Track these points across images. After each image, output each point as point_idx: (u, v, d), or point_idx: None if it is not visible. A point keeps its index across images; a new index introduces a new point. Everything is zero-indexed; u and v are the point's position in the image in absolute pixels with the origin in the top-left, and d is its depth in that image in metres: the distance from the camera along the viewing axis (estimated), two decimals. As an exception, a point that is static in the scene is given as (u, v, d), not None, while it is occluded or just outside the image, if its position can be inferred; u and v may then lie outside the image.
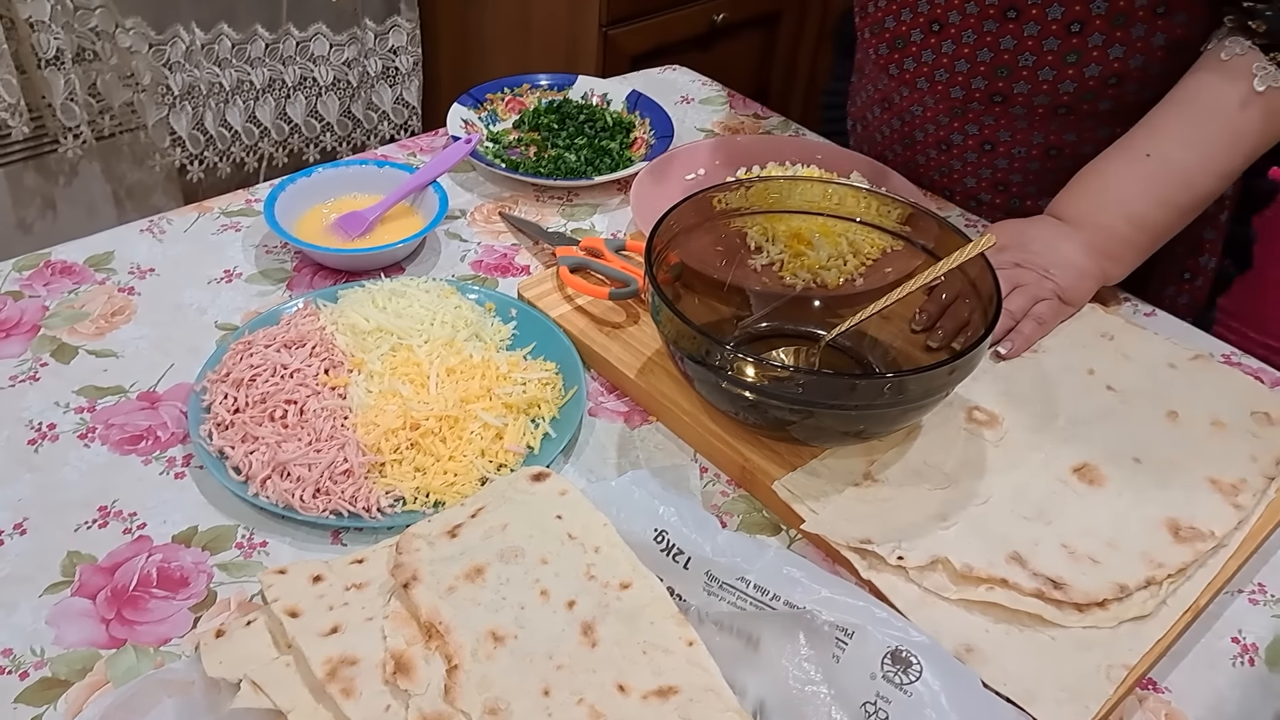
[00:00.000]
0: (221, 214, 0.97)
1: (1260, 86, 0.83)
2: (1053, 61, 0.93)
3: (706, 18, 1.91)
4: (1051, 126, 0.97)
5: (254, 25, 1.85)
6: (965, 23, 0.94)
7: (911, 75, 1.01)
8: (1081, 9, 0.90)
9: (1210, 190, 0.88)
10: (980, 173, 1.04)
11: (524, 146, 1.11)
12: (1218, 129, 0.86)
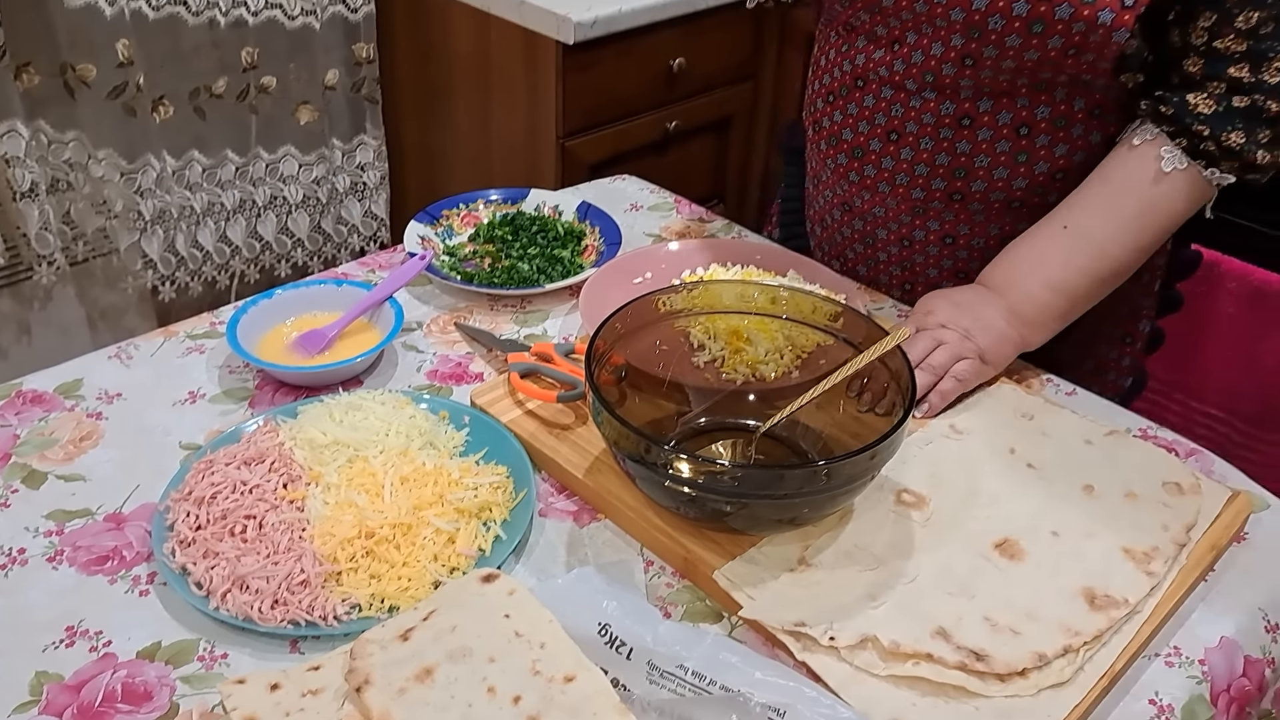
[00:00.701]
0: (187, 337, 1.01)
1: (1167, 168, 0.91)
2: (1005, 161, 1.00)
3: (660, 126, 2.00)
4: (1006, 219, 1.04)
5: (224, 150, 1.93)
6: (923, 131, 1.01)
7: (873, 180, 1.07)
8: (1028, 114, 0.97)
9: (1124, 261, 0.96)
10: (942, 264, 1.10)
11: (479, 259, 1.17)
12: (1129, 205, 0.93)
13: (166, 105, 1.82)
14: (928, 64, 0.96)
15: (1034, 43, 0.90)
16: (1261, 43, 0.87)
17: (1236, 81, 0.88)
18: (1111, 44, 0.88)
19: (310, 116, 1.99)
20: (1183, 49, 0.91)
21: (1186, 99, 0.90)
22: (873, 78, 1.02)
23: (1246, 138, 0.89)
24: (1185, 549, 0.75)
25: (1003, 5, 0.89)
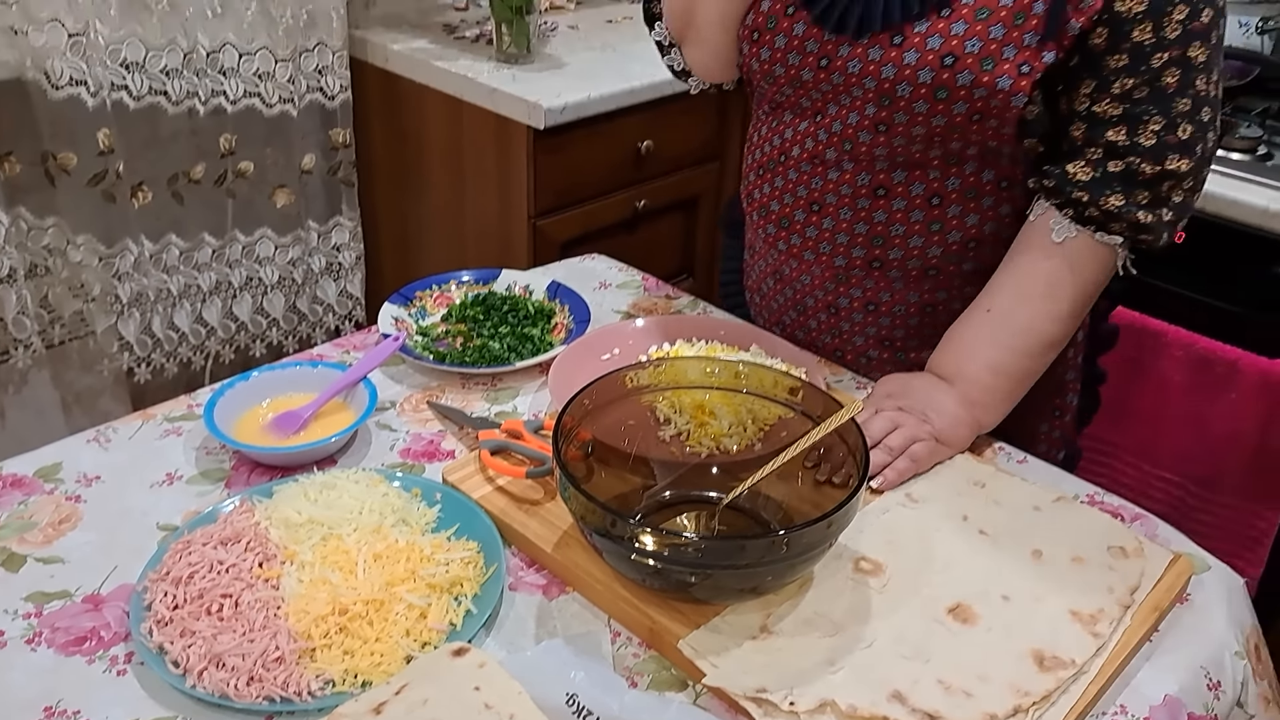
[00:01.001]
0: (165, 420, 1.03)
1: (1057, 238, 0.98)
2: (919, 230, 1.05)
3: (629, 205, 2.06)
4: (924, 285, 1.09)
5: (201, 234, 1.96)
6: (841, 202, 1.07)
7: (799, 249, 1.13)
8: (939, 185, 1.03)
9: (1050, 332, 1.01)
10: (867, 331, 1.14)
11: (451, 338, 1.20)
12: (1038, 279, 1.00)
13: (145, 191, 1.86)
14: (845, 133, 1.03)
15: (940, 108, 0.96)
16: (1136, 106, 0.93)
17: (1113, 145, 0.95)
18: (1011, 109, 0.95)
19: (287, 200, 2.04)
20: (1070, 116, 0.97)
21: (1066, 169, 0.97)
22: (797, 151, 1.08)
23: (1125, 200, 0.95)
24: (1130, 610, 0.78)
25: (909, 73, 0.95)
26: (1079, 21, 0.92)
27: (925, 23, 0.95)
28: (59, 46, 1.64)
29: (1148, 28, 0.92)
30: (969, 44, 0.93)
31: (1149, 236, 0.97)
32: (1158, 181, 0.95)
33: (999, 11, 0.93)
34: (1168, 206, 0.96)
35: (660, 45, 1.20)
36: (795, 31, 1.02)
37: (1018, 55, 0.93)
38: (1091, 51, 0.94)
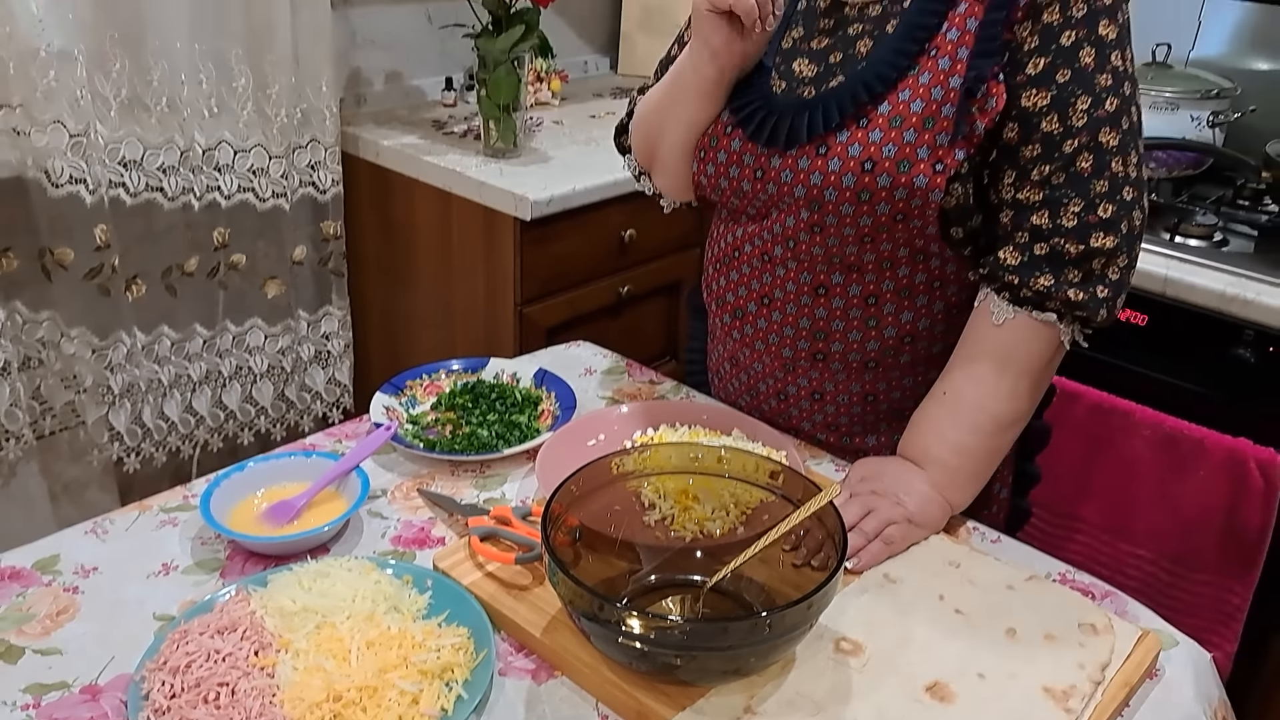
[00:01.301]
0: (160, 510, 1.06)
1: (998, 320, 1.04)
2: (858, 326, 1.11)
3: (613, 291, 2.11)
4: (865, 377, 1.15)
5: (193, 324, 2.00)
6: (788, 298, 1.13)
7: (750, 339, 1.19)
8: (875, 286, 1.09)
9: (1004, 411, 1.06)
10: (814, 418, 1.20)
11: (441, 426, 1.23)
12: (987, 361, 1.05)
13: (139, 284, 1.90)
14: (786, 234, 1.09)
15: (865, 210, 1.03)
16: (1055, 191, 1.00)
17: (1037, 229, 1.01)
18: (930, 205, 1.01)
19: (278, 290, 2.08)
20: (998, 205, 1.04)
21: (998, 255, 1.04)
22: (749, 248, 1.15)
23: (1055, 280, 1.01)
24: (1101, 686, 0.81)
25: (834, 179, 1.02)
26: (984, 122, 0.99)
27: (846, 133, 1.02)
28: (60, 147, 1.69)
29: (1054, 119, 0.99)
30: (886, 149, 1.00)
31: (1085, 313, 1.02)
32: (1085, 260, 1.00)
33: (910, 118, 1.00)
34: (1101, 283, 1.01)
35: (633, 173, 1.31)
36: (733, 148, 1.10)
37: (931, 156, 0.99)
38: (1007, 145, 1.01)
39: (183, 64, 1.81)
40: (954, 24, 1.00)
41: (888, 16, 1.05)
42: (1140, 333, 1.66)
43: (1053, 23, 0.98)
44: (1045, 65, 0.99)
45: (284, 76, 1.91)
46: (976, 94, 0.99)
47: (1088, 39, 0.98)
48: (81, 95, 1.69)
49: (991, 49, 0.98)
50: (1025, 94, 0.99)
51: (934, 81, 1.00)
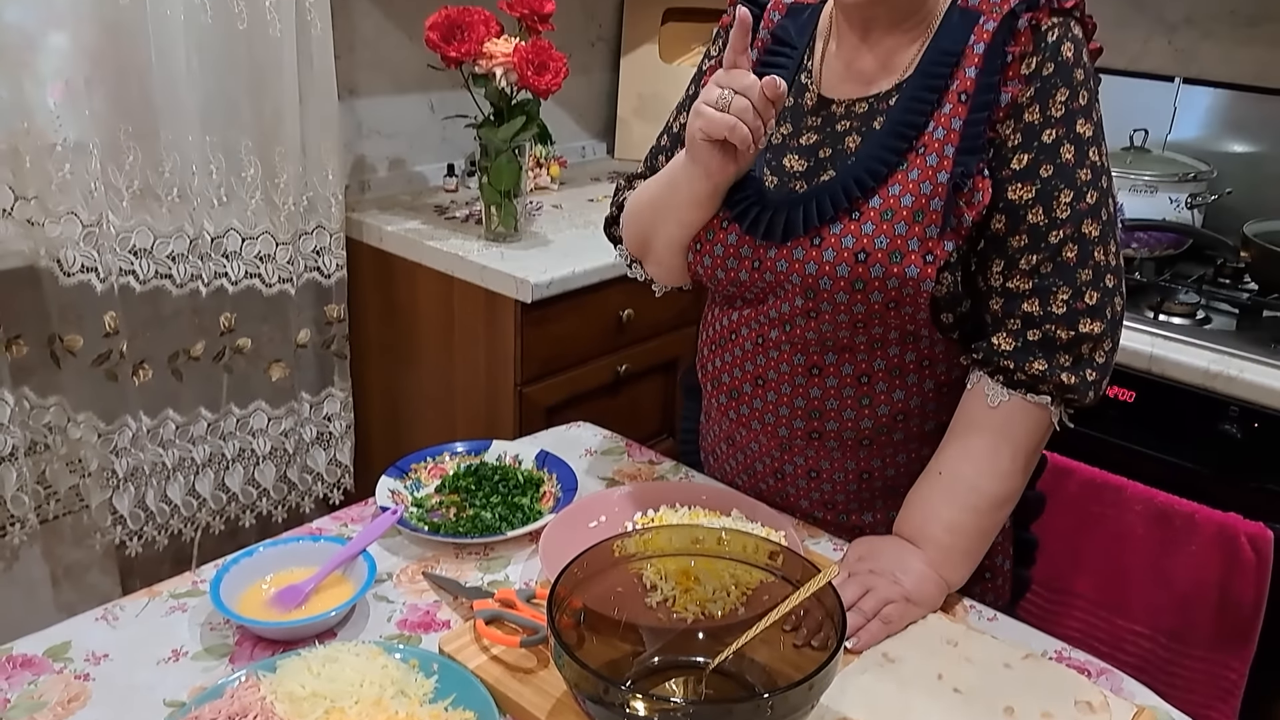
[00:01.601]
0: (170, 596, 1.07)
1: (993, 402, 1.08)
2: (852, 405, 1.15)
3: (611, 369, 2.15)
4: (860, 455, 1.18)
5: (198, 408, 2.02)
6: (782, 379, 1.17)
7: (747, 419, 1.22)
8: (866, 365, 1.13)
9: (998, 490, 1.09)
10: (811, 495, 1.22)
11: (445, 508, 1.26)
12: (981, 441, 1.09)
13: (146, 369, 1.93)
14: (782, 318, 1.13)
15: (859, 298, 1.07)
16: (1044, 280, 1.05)
17: (1029, 316, 1.06)
18: (921, 293, 1.05)
19: (282, 373, 2.12)
20: (988, 292, 1.09)
21: (992, 340, 1.08)
22: (745, 331, 1.18)
23: (1048, 364, 1.05)
24: (1097, 763, 0.82)
25: (829, 269, 1.07)
26: (971, 215, 1.04)
27: (838, 225, 1.07)
28: (73, 237, 1.74)
29: (1039, 211, 1.04)
30: (878, 241, 1.05)
31: (1075, 395, 1.07)
32: (1075, 345, 1.05)
33: (901, 212, 1.05)
34: (1090, 367, 1.06)
35: (624, 262, 1.34)
36: (729, 241, 1.14)
37: (921, 247, 1.04)
38: (995, 235, 1.06)
39: (194, 155, 1.86)
40: (939, 123, 1.06)
41: (874, 114, 1.10)
42: (1129, 409, 1.70)
43: (1034, 121, 1.04)
44: (1029, 161, 1.04)
45: (292, 166, 1.97)
46: (963, 189, 1.04)
47: (1067, 136, 1.04)
48: (95, 187, 1.74)
49: (976, 146, 1.04)
50: (1011, 188, 1.05)
51: (922, 177, 1.05)
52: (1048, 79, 1.03)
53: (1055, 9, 1.05)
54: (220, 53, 1.87)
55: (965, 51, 1.06)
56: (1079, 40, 1.05)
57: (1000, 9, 1.06)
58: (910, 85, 1.08)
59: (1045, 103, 1.04)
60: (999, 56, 1.04)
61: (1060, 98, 1.04)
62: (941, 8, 1.09)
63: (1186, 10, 2.13)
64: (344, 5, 2.15)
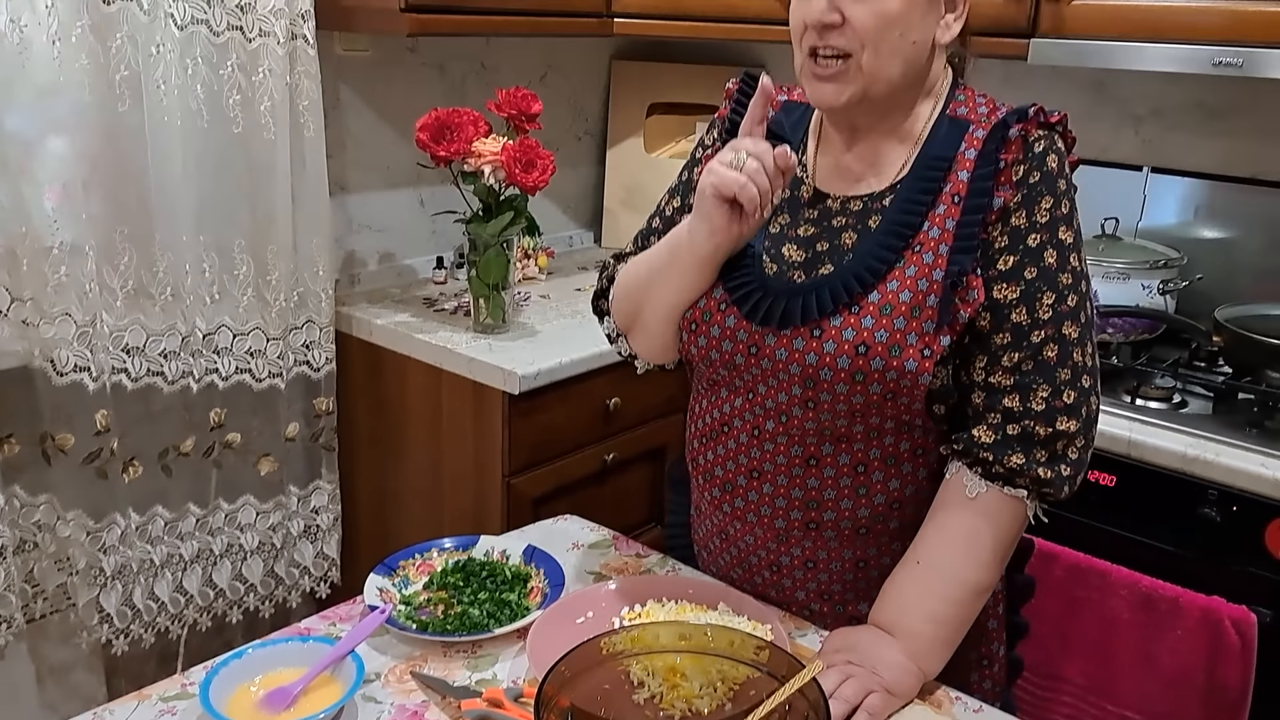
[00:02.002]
0: (159, 700, 1.07)
1: (971, 494, 1.10)
2: (849, 494, 1.16)
3: (598, 459, 2.16)
4: (857, 545, 1.19)
5: (186, 504, 2.03)
6: (778, 470, 1.18)
7: (741, 511, 1.23)
8: (862, 455, 1.15)
9: (976, 580, 1.11)
10: (808, 586, 1.23)
11: (433, 605, 1.26)
12: (959, 531, 1.11)
13: (136, 466, 1.94)
14: (779, 408, 1.15)
15: (858, 389, 1.09)
16: (1025, 377, 1.09)
17: (1010, 411, 1.09)
18: (919, 386, 1.08)
19: (270, 467, 2.13)
20: (970, 386, 1.12)
21: (973, 433, 1.10)
22: (738, 423, 1.20)
23: (1026, 459, 1.08)
24: None
25: (829, 360, 1.10)
26: (967, 312, 1.08)
27: (839, 318, 1.10)
28: (67, 337, 1.76)
29: (1023, 311, 1.09)
30: (878, 334, 1.08)
31: (1050, 490, 1.09)
32: (1052, 441, 1.08)
33: (899, 307, 1.08)
34: (1065, 463, 1.09)
35: (609, 335, 1.35)
36: (727, 324, 1.17)
37: (919, 342, 1.07)
38: (980, 332, 1.10)
39: (188, 254, 1.90)
40: (934, 223, 1.10)
41: (869, 212, 1.15)
42: (1110, 493, 1.72)
43: (1020, 226, 1.09)
44: (1015, 263, 1.09)
45: (284, 263, 2.01)
46: (959, 286, 1.08)
47: (1050, 241, 1.09)
48: (90, 287, 1.78)
49: (970, 246, 1.08)
50: (997, 287, 1.09)
51: (919, 274, 1.09)
52: (1034, 186, 1.09)
53: (1042, 123, 1.11)
54: (216, 155, 1.92)
55: (957, 157, 1.12)
56: (1062, 153, 1.11)
57: (989, 119, 1.12)
58: (905, 187, 1.13)
59: (1031, 209, 1.09)
60: (991, 162, 1.09)
61: (1045, 205, 1.09)
62: (926, 118, 1.15)
63: (1153, 103, 2.20)
64: (336, 106, 2.22)
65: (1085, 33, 1.88)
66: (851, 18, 1.06)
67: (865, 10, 1.06)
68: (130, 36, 1.75)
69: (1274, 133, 2.08)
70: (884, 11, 1.06)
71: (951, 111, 1.15)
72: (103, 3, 1.71)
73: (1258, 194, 2.09)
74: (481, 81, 2.47)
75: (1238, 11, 1.73)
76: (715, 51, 2.80)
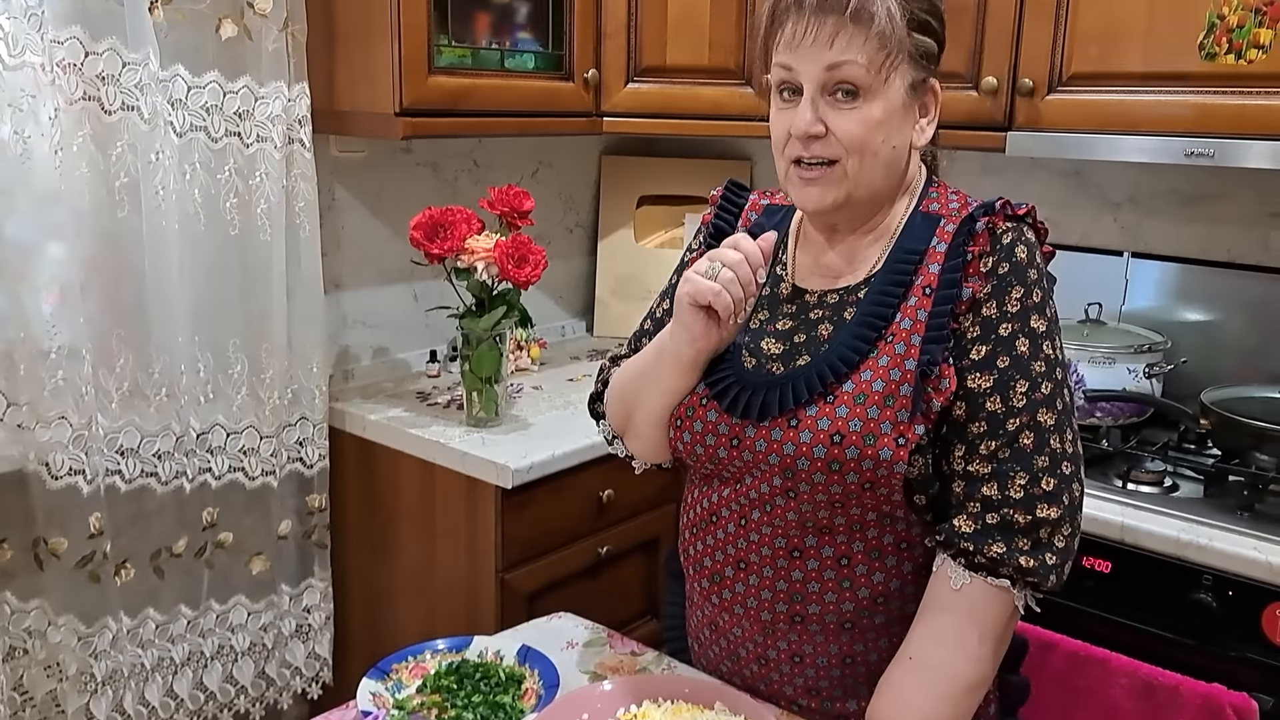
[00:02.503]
0: (147, 816, 1.06)
1: (955, 585, 1.10)
2: (833, 587, 1.17)
3: (593, 552, 2.15)
4: (843, 638, 1.19)
5: (178, 605, 2.01)
6: (764, 561, 1.19)
7: (729, 603, 1.23)
8: (846, 547, 1.16)
9: (969, 674, 1.10)
10: (795, 682, 1.22)
11: (426, 710, 1.25)
12: (948, 625, 1.11)
13: (128, 568, 1.93)
14: (762, 498, 1.17)
15: (835, 478, 1.11)
16: (1002, 465, 1.10)
17: (989, 499, 1.10)
18: (895, 475, 1.09)
19: (262, 566, 2.11)
20: (949, 475, 1.13)
21: (953, 523, 1.11)
22: (725, 513, 1.21)
23: (1007, 548, 1.08)
24: None
25: (806, 450, 1.11)
26: (940, 401, 1.10)
27: (814, 407, 1.12)
28: (63, 440, 1.77)
29: (997, 399, 1.10)
30: (852, 424, 1.10)
31: (1035, 579, 1.09)
32: (1033, 529, 1.09)
33: (873, 396, 1.10)
34: (1049, 551, 1.09)
35: (606, 438, 1.38)
36: (709, 418, 1.19)
37: (893, 430, 1.09)
38: (956, 422, 1.12)
39: (182, 355, 1.92)
40: (906, 314, 1.13)
41: (844, 305, 1.18)
42: (1105, 580, 1.72)
43: (991, 316, 1.11)
44: (987, 352, 1.11)
45: (278, 361, 2.03)
46: (930, 375, 1.10)
47: (1022, 331, 1.11)
48: (86, 390, 1.79)
49: (941, 336, 1.11)
50: (971, 377, 1.11)
51: (892, 364, 1.11)
52: (1003, 277, 1.12)
53: (1009, 215, 1.14)
54: (212, 257, 1.95)
55: (928, 250, 1.15)
56: (1032, 244, 1.14)
57: (959, 214, 1.16)
58: (878, 280, 1.16)
59: (1002, 299, 1.11)
60: (959, 255, 1.12)
61: (1015, 294, 1.11)
62: (901, 213, 1.19)
63: (1129, 191, 2.26)
64: (332, 206, 2.26)
65: (1060, 126, 1.94)
66: (835, 128, 1.10)
67: (848, 120, 1.10)
68: (131, 144, 1.80)
69: (1247, 218, 2.13)
70: (866, 121, 1.10)
71: (924, 207, 1.19)
72: (104, 113, 1.76)
73: (1236, 277, 2.13)
74: (474, 179, 2.53)
75: (1206, 105, 1.78)
76: (702, 146, 2.87)
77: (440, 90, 2.01)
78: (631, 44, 2.30)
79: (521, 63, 2.15)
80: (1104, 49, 1.87)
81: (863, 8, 1.07)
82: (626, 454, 1.37)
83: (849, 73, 1.09)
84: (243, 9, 1.88)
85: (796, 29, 1.10)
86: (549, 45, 2.20)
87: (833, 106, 1.10)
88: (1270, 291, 2.08)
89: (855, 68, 1.08)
